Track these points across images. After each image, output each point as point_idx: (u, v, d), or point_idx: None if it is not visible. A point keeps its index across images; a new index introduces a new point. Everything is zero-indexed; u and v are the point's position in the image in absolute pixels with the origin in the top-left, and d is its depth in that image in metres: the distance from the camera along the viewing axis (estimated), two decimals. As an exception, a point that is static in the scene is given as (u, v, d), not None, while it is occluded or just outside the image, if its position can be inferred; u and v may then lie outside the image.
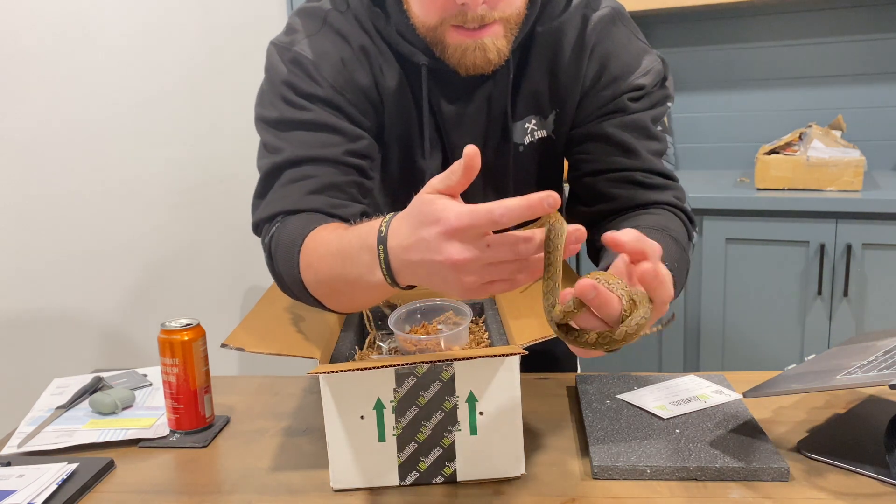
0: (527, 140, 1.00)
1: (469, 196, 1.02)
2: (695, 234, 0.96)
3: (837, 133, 2.16)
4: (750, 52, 2.45)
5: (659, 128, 0.97)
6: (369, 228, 0.70)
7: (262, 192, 0.92)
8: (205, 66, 2.00)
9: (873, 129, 2.37)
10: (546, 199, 0.57)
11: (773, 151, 2.15)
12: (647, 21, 2.50)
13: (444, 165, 1.01)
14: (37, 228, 1.47)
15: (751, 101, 2.49)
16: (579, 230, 0.61)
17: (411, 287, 0.70)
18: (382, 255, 0.67)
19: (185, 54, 1.92)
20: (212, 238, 2.04)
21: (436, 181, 0.63)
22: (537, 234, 0.61)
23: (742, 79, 2.48)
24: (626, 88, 0.95)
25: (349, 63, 0.93)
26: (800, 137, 2.16)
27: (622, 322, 0.59)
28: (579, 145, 0.99)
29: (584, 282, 0.58)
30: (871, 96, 2.36)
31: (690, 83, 2.53)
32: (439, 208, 0.61)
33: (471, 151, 0.60)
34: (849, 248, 1.95)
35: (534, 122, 0.99)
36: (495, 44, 0.87)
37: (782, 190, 2.07)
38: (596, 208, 0.97)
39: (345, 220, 0.86)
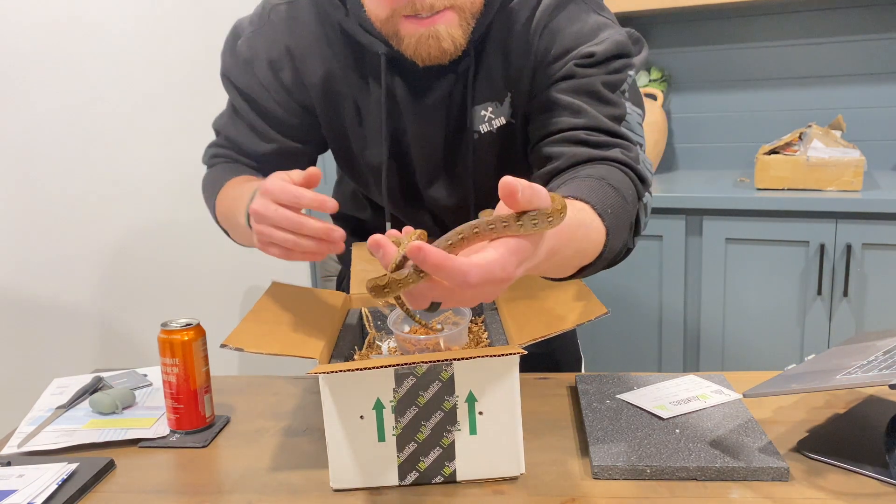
0: (484, 129, 0.98)
1: (430, 186, 1.04)
2: (647, 194, 0.90)
3: (837, 133, 2.16)
4: (750, 52, 2.45)
5: (615, 94, 0.91)
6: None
7: (213, 142, 1.13)
8: (205, 65, 2.00)
9: (873, 129, 2.37)
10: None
11: (772, 151, 2.15)
12: (647, 21, 2.50)
13: (398, 156, 1.02)
14: (36, 228, 1.47)
15: (751, 101, 2.49)
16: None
17: None
18: (251, 200, 0.81)
19: (185, 53, 1.92)
20: (212, 238, 2.04)
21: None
22: (312, 221, 0.76)
23: (742, 79, 2.48)
24: (575, 56, 0.91)
25: (276, 63, 0.99)
26: (800, 137, 2.16)
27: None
28: (533, 119, 0.96)
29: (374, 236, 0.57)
30: (871, 96, 2.36)
31: (690, 83, 2.53)
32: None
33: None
34: (849, 248, 1.95)
35: (490, 109, 0.97)
36: (449, 32, 0.86)
37: (782, 190, 2.07)
38: (543, 170, 0.91)
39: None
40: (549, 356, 1.19)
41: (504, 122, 0.99)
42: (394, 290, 0.56)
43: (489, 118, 0.98)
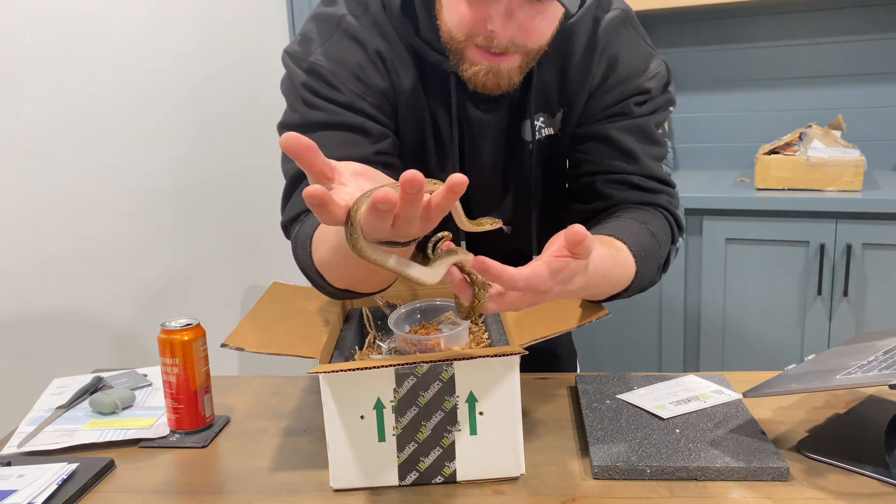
0: (536, 137, 1.00)
1: (488, 195, 1.03)
2: (680, 239, 0.98)
3: (837, 133, 2.16)
4: (750, 52, 2.45)
5: (660, 131, 0.98)
6: None
7: (287, 195, 0.93)
8: (205, 66, 2.00)
9: (873, 129, 2.37)
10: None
11: (773, 151, 2.15)
12: (647, 21, 2.50)
13: (462, 168, 1.02)
14: (37, 228, 1.47)
15: (751, 101, 2.49)
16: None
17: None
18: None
19: (186, 54, 1.92)
20: (212, 238, 2.04)
21: None
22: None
23: (742, 79, 2.48)
24: (632, 91, 0.96)
25: (366, 68, 0.93)
26: (800, 137, 2.16)
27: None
28: (581, 144, 1.00)
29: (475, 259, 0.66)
30: (871, 96, 2.36)
31: (690, 83, 2.54)
32: None
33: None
34: (849, 248, 1.95)
35: (542, 119, 1.00)
36: (509, 72, 0.88)
37: (782, 190, 2.07)
38: (591, 206, 0.99)
39: None
40: (547, 351, 1.19)
41: (552, 132, 1.01)
42: (478, 308, 0.68)
43: (539, 127, 1.00)
